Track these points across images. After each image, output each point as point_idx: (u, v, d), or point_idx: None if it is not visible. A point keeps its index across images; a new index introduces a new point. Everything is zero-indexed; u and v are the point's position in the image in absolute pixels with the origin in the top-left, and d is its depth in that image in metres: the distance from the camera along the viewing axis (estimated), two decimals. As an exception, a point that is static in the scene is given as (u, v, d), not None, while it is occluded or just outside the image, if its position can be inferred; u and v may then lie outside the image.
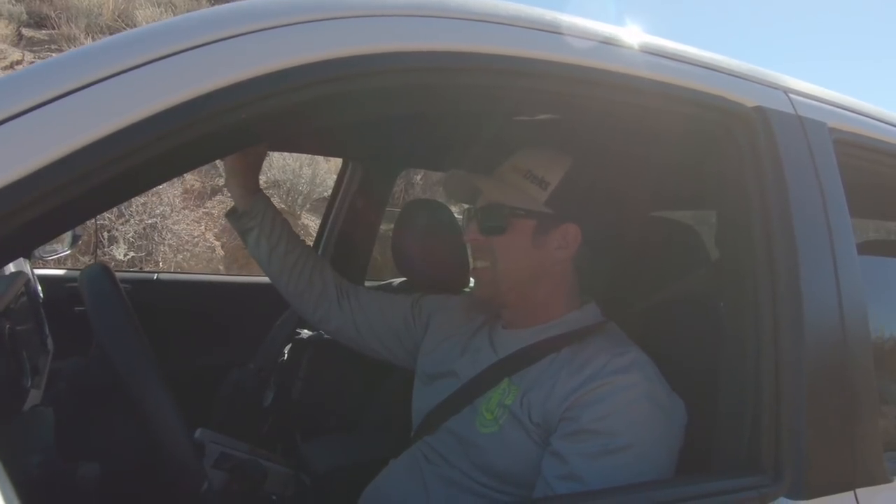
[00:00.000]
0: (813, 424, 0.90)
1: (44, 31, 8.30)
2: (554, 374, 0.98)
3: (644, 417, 0.92)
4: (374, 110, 0.82)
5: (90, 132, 0.57)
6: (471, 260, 1.13)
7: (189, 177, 6.60)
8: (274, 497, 1.37)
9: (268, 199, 1.28)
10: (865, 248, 1.28)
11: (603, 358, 0.96)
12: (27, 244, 0.66)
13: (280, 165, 6.90)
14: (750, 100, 0.97)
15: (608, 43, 0.87)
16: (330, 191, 2.58)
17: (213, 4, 9.36)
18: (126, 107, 0.59)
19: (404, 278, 2.13)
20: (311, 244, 2.58)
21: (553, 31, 0.83)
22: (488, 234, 1.07)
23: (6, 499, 0.52)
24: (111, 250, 5.39)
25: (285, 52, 0.66)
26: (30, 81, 0.59)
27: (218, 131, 0.63)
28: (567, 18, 0.86)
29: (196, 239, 6.14)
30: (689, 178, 1.43)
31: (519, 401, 0.99)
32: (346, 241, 2.42)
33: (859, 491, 0.93)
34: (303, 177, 6.88)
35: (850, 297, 0.97)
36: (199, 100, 0.61)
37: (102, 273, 0.90)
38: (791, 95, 1.04)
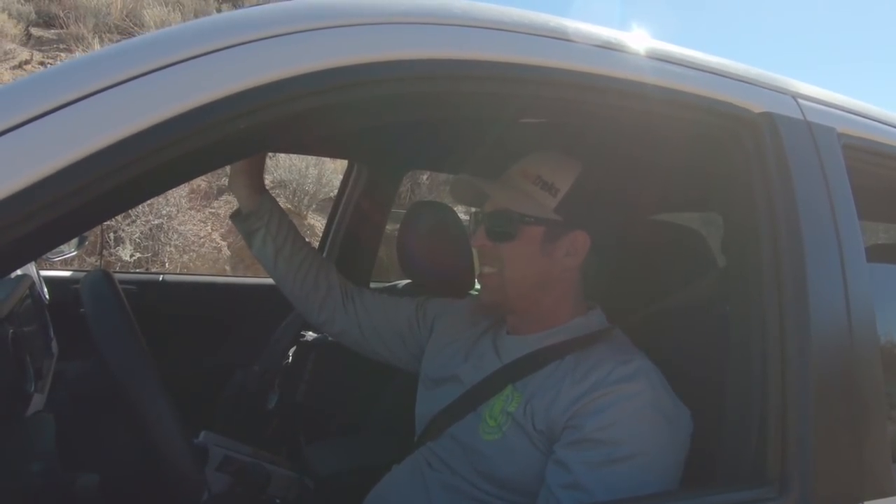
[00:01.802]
0: (820, 434, 0.88)
1: (52, 31, 8.35)
2: (558, 382, 0.97)
3: (648, 427, 0.91)
4: (378, 117, 0.81)
5: (95, 140, 0.57)
6: (477, 265, 1.11)
7: (196, 177, 6.61)
8: (277, 500, 1.36)
9: (273, 198, 1.27)
10: (874, 253, 1.27)
11: (607, 366, 0.95)
12: (36, 250, 0.65)
13: (286, 165, 6.92)
14: (758, 105, 0.95)
15: (613, 48, 0.86)
16: (336, 191, 2.57)
17: (220, 3, 9.39)
18: (134, 114, 0.59)
19: (409, 280, 2.13)
20: (317, 244, 2.59)
21: (557, 37, 0.82)
22: (496, 240, 1.06)
23: None
24: (117, 251, 5.41)
25: (292, 61, 0.65)
26: (31, 91, 0.59)
27: (226, 138, 0.63)
28: (571, 24, 0.85)
29: (202, 239, 6.16)
30: (695, 184, 1.42)
31: (522, 408, 0.98)
32: (351, 242, 2.42)
33: (868, 503, 0.92)
34: (309, 177, 6.89)
35: (859, 303, 0.96)
36: (206, 107, 0.61)
37: (103, 280, 0.90)
38: (800, 100, 1.02)
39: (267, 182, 7.17)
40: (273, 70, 0.64)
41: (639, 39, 0.90)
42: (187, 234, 6.04)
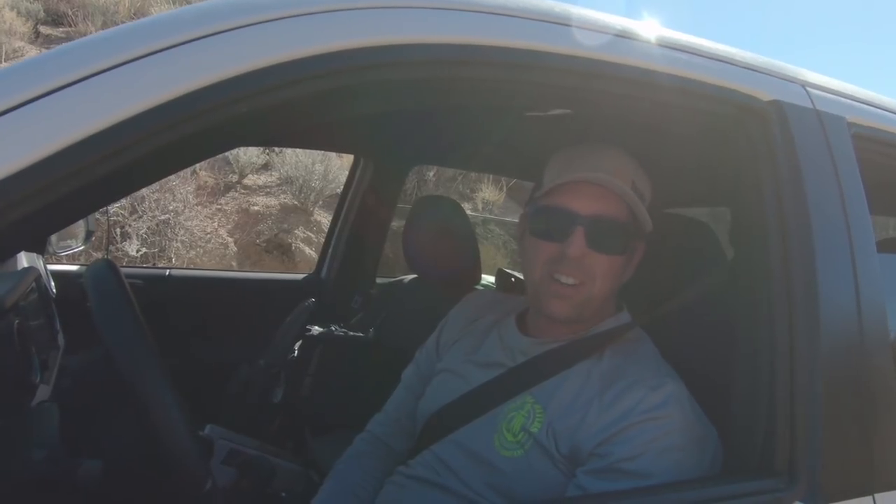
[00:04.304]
0: (829, 426, 0.88)
1: (61, 29, 8.39)
2: (584, 406, 0.93)
3: (678, 456, 0.88)
4: (382, 104, 0.80)
5: (97, 121, 0.56)
6: (553, 273, 0.97)
7: (202, 173, 6.64)
8: (283, 494, 1.37)
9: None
10: (885, 245, 1.25)
11: (638, 393, 0.91)
12: (33, 234, 0.65)
13: (293, 162, 6.92)
14: (766, 94, 0.95)
15: (620, 36, 0.86)
16: (342, 187, 2.58)
17: None
18: (136, 95, 0.58)
19: (414, 275, 2.13)
20: (324, 240, 2.59)
21: (564, 23, 0.81)
22: (603, 251, 0.96)
23: None
24: (124, 246, 5.43)
25: (294, 44, 0.65)
26: (35, 70, 0.59)
27: (228, 121, 0.62)
28: (578, 11, 0.85)
29: (209, 235, 6.18)
30: (703, 175, 1.41)
31: (545, 430, 0.94)
32: (357, 238, 2.42)
33: (878, 496, 0.91)
34: (315, 173, 6.89)
35: (869, 296, 0.95)
36: (208, 89, 0.60)
37: (107, 270, 0.90)
38: (809, 89, 1.01)
39: (273, 179, 7.23)
40: (275, 53, 0.63)
41: (647, 27, 0.90)
42: (194, 230, 6.06)
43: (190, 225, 6.03)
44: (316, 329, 1.89)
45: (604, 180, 0.95)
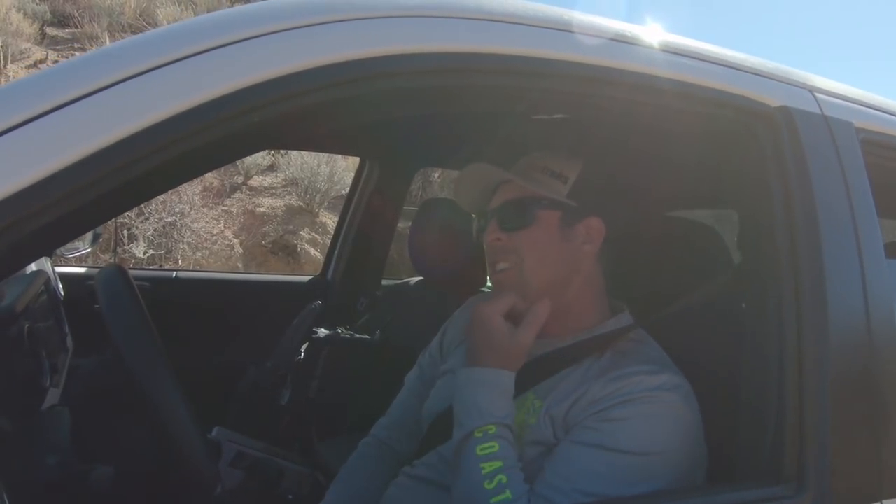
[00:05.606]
0: (837, 432, 0.87)
1: (67, 30, 8.43)
2: (583, 390, 0.95)
3: (669, 442, 0.89)
4: (389, 111, 0.81)
5: (106, 136, 0.57)
6: (490, 266, 1.07)
7: (208, 175, 6.65)
8: (290, 496, 1.37)
9: None
10: (893, 249, 1.25)
11: (637, 377, 0.93)
12: (50, 244, 0.66)
13: (298, 164, 6.94)
14: (774, 99, 0.95)
15: (626, 42, 0.86)
16: (348, 188, 2.58)
17: (232, 3, 9.44)
18: (150, 107, 0.59)
19: (420, 277, 2.13)
20: (330, 242, 2.59)
21: (569, 30, 0.82)
22: (512, 229, 1.03)
23: None
24: (131, 248, 5.45)
25: (301, 55, 0.66)
26: (47, 83, 0.59)
27: (240, 131, 0.63)
28: (583, 17, 0.85)
29: (215, 237, 6.19)
30: (710, 179, 1.41)
31: (542, 417, 0.96)
32: (363, 240, 2.43)
33: (886, 502, 0.91)
34: (321, 174, 6.91)
35: (878, 301, 0.94)
36: (221, 100, 0.61)
37: (118, 275, 0.90)
38: (817, 94, 1.01)
39: (279, 180, 7.25)
40: (286, 64, 0.64)
41: (653, 33, 0.90)
42: (200, 232, 6.08)
43: (196, 227, 6.05)
44: (322, 331, 1.90)
45: (486, 171, 1.06)
